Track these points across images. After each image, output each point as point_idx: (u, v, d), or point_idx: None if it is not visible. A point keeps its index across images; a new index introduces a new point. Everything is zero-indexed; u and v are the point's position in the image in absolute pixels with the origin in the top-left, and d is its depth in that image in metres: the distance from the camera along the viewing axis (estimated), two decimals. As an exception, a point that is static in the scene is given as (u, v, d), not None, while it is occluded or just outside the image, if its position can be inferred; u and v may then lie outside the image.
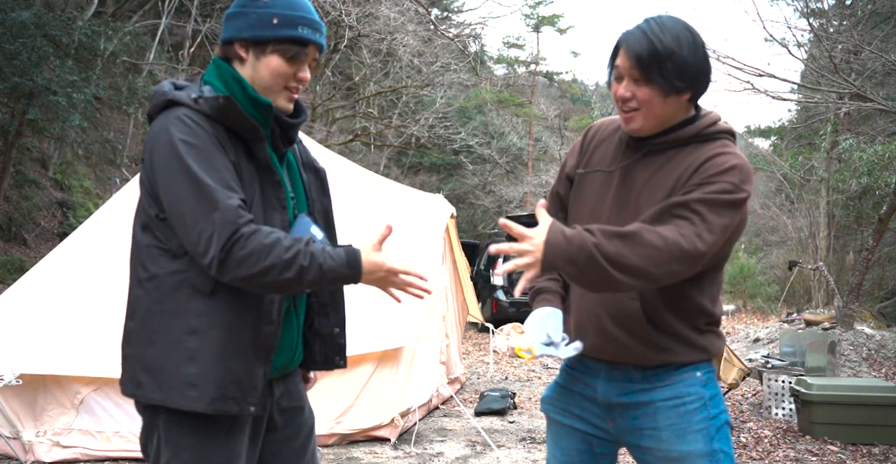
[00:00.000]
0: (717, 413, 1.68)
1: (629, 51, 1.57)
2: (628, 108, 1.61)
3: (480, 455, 4.38)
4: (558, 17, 26.73)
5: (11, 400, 3.97)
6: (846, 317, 8.37)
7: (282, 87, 1.60)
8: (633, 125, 1.63)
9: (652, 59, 1.55)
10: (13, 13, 7.82)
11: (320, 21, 1.64)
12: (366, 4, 13.57)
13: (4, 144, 9.13)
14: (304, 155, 1.79)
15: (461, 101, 20.23)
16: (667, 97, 1.59)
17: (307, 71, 1.63)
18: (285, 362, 1.67)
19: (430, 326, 5.27)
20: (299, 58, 1.59)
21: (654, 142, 1.65)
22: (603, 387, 1.72)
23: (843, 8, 11.37)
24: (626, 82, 1.60)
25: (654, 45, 1.55)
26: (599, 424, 1.75)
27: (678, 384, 1.68)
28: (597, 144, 1.78)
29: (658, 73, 1.56)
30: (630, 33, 1.60)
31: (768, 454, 4.50)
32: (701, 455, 1.64)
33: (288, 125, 1.65)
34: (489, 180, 21.44)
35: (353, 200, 5.75)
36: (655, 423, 1.67)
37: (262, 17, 1.56)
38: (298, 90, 1.64)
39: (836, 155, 13.14)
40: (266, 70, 1.58)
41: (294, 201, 1.69)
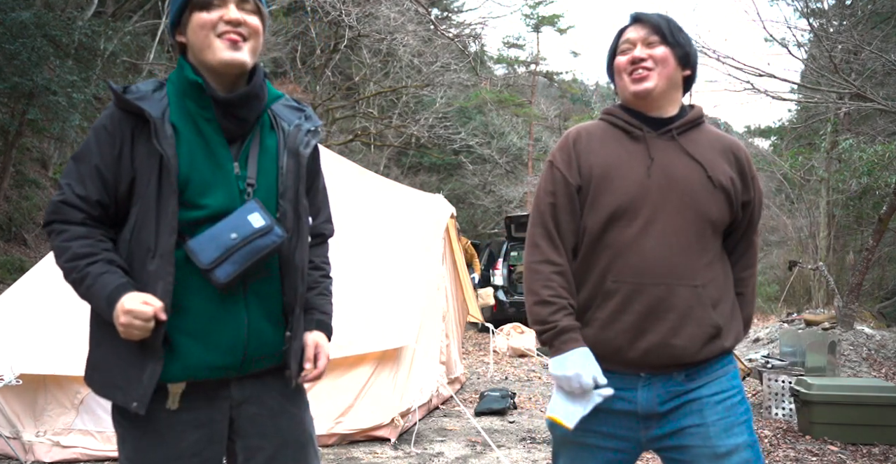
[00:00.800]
0: (748, 404, 1.75)
1: (647, 22, 1.74)
2: (643, 69, 1.72)
3: (480, 455, 4.38)
4: (558, 17, 26.74)
5: (11, 400, 3.97)
6: (846, 317, 8.37)
7: (213, 38, 1.52)
8: (646, 83, 1.72)
9: (669, 27, 1.73)
10: (13, 13, 7.82)
11: None
12: (366, 4, 13.56)
13: (4, 144, 9.13)
14: (292, 139, 1.66)
15: (461, 101, 20.23)
16: (678, 63, 1.74)
17: (234, 11, 1.53)
18: (224, 364, 1.55)
19: (430, 326, 5.27)
20: (211, 2, 1.52)
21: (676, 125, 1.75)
22: (644, 397, 1.69)
23: (843, 8, 11.36)
24: (641, 47, 1.73)
25: (668, 19, 1.75)
26: (629, 435, 1.72)
27: (722, 379, 1.71)
28: (596, 147, 1.76)
29: (674, 39, 1.73)
30: (638, 14, 1.77)
31: (768, 454, 4.50)
32: (747, 446, 1.67)
33: (224, 102, 1.55)
34: (489, 180, 21.45)
35: (354, 201, 5.75)
36: (703, 419, 1.66)
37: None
38: (239, 34, 1.53)
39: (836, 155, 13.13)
40: (192, 33, 1.54)
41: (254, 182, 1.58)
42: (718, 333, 1.69)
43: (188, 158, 1.53)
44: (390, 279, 5.09)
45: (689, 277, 1.65)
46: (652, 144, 1.72)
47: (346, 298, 4.78)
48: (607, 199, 1.69)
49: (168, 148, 1.49)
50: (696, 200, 1.67)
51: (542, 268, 1.73)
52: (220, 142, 1.57)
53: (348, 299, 4.72)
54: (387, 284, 5.02)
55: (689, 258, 1.66)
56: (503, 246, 12.30)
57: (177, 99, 1.56)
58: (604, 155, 1.73)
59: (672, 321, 1.64)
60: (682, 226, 1.67)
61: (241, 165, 1.58)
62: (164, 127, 1.50)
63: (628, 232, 1.67)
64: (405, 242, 5.56)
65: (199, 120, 1.56)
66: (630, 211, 1.67)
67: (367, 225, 5.52)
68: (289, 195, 1.62)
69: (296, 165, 1.64)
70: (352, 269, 5.00)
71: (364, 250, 5.23)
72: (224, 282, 1.49)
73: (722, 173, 1.72)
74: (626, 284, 1.66)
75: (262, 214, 1.53)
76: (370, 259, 5.18)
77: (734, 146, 1.78)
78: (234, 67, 1.55)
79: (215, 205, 1.54)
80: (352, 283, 4.87)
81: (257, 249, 1.51)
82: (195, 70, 1.56)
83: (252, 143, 1.61)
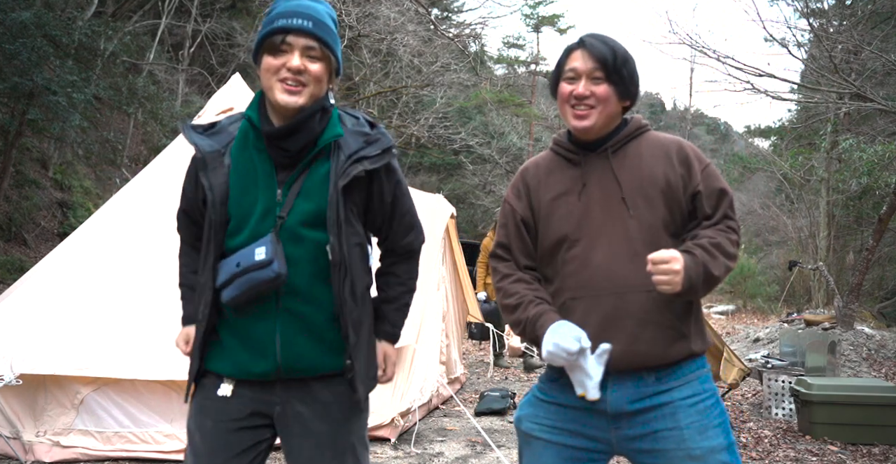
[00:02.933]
0: (724, 407, 1.75)
1: (594, 53, 1.74)
2: (584, 106, 1.76)
3: (480, 455, 4.38)
4: (558, 17, 26.77)
5: (11, 400, 3.97)
6: (846, 317, 8.37)
7: (275, 82, 1.62)
8: (585, 122, 1.76)
9: (615, 62, 1.73)
10: (13, 13, 7.82)
11: (310, 11, 1.63)
12: (366, 4, 13.57)
13: (4, 144, 9.13)
14: (339, 169, 1.68)
15: (461, 101, 20.23)
16: (620, 99, 1.78)
17: (297, 59, 1.61)
18: (260, 370, 1.69)
19: (430, 326, 5.27)
20: (279, 47, 1.61)
21: (611, 144, 1.80)
22: (613, 397, 1.70)
23: (843, 8, 11.36)
24: (585, 82, 1.75)
25: (615, 51, 1.75)
26: (599, 435, 1.73)
27: (694, 382, 1.72)
28: (543, 177, 1.86)
29: (618, 75, 1.74)
30: (588, 40, 1.77)
31: (768, 454, 4.50)
32: (722, 449, 1.67)
33: (266, 134, 1.66)
34: (489, 180, 21.44)
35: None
36: (676, 422, 1.67)
37: (259, 33, 1.67)
38: (299, 81, 1.62)
39: (836, 155, 13.14)
40: (262, 73, 1.65)
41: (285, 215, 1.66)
42: (682, 335, 1.71)
43: (237, 187, 1.68)
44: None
45: (642, 284, 1.67)
46: (588, 167, 1.80)
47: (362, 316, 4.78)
48: (553, 226, 1.79)
49: (215, 179, 1.68)
50: (636, 211, 1.72)
51: (501, 285, 1.86)
52: (268, 171, 1.68)
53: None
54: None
55: (639, 264, 1.67)
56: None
57: (243, 131, 1.72)
58: (550, 186, 1.83)
59: (630, 328, 1.68)
60: (628, 236, 1.72)
61: (284, 193, 1.67)
62: (218, 160, 1.69)
63: (576, 252, 1.75)
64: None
65: (252, 151, 1.69)
66: (574, 233, 1.76)
67: (367, 225, 5.51)
68: (334, 229, 1.67)
69: (336, 195, 1.67)
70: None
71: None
72: (227, 302, 1.67)
73: (656, 179, 1.75)
74: (582, 299, 1.72)
75: (267, 248, 1.62)
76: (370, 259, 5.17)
77: (674, 146, 1.80)
78: (290, 110, 1.65)
79: (249, 233, 1.68)
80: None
81: (253, 280, 1.63)
82: (260, 107, 1.72)
83: (300, 173, 1.68)
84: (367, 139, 1.73)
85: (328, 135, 1.69)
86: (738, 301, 17.93)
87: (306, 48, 1.62)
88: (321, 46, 1.64)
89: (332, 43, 1.67)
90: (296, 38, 1.61)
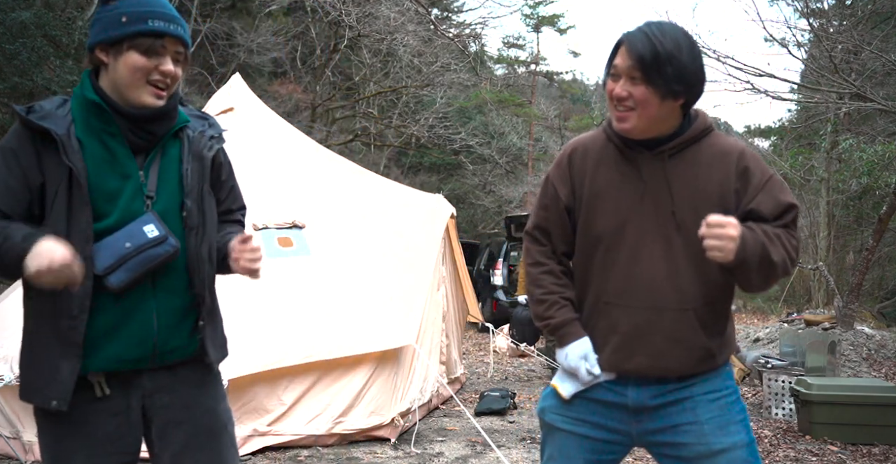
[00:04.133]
0: (743, 405, 1.75)
1: (631, 50, 1.60)
2: (624, 107, 1.64)
3: (480, 455, 4.38)
4: (558, 17, 26.75)
5: (11, 400, 3.97)
6: (846, 317, 8.37)
7: (143, 83, 1.63)
8: (625, 125, 1.65)
9: (654, 60, 1.58)
10: (13, 13, 7.82)
11: (175, 14, 1.68)
12: (366, 4, 13.57)
13: (4, 144, 9.12)
14: (196, 144, 1.78)
15: (461, 101, 20.22)
16: (663, 100, 1.62)
17: (170, 64, 1.65)
18: (136, 356, 1.66)
19: (430, 326, 5.27)
20: (155, 50, 1.63)
21: (669, 147, 1.68)
22: (634, 392, 1.71)
23: (843, 8, 11.36)
24: (624, 81, 1.62)
25: (656, 47, 1.58)
26: (620, 428, 1.74)
27: (714, 379, 1.72)
28: (592, 166, 1.76)
29: (658, 75, 1.59)
30: (632, 34, 1.63)
31: (768, 454, 4.49)
32: (743, 445, 1.67)
33: (135, 118, 1.66)
34: (489, 180, 21.43)
35: (354, 201, 5.75)
36: (696, 417, 1.68)
37: (111, 18, 1.63)
38: (167, 85, 1.66)
39: (836, 155, 13.14)
40: (124, 67, 1.63)
41: (153, 194, 1.69)
42: (710, 355, 1.70)
43: (94, 171, 1.63)
44: (390, 279, 5.08)
45: (679, 301, 1.66)
46: (644, 167, 1.70)
47: (346, 299, 4.79)
48: (597, 222, 1.72)
49: (77, 161, 1.60)
50: (687, 226, 1.65)
51: (532, 270, 1.84)
52: (126, 153, 1.68)
53: (349, 300, 4.72)
54: (387, 284, 5.01)
55: (679, 282, 1.66)
56: (503, 246, 12.29)
57: (81, 115, 1.66)
58: (597, 176, 1.74)
59: (659, 344, 1.67)
60: (672, 252, 1.67)
61: (146, 174, 1.69)
62: (70, 142, 1.61)
63: (616, 256, 1.70)
64: (405, 242, 5.56)
65: (103, 135, 1.66)
66: (618, 235, 1.70)
67: (368, 225, 5.52)
68: (193, 194, 1.74)
69: (199, 166, 1.77)
70: (352, 269, 5.00)
71: (364, 251, 5.23)
72: (117, 287, 1.61)
73: (710, 194, 1.67)
74: (617, 306, 1.70)
75: (156, 225, 1.65)
76: (370, 259, 5.17)
77: (735, 155, 1.70)
78: (150, 110, 1.67)
79: (120, 215, 1.64)
80: (352, 283, 4.87)
81: (151, 257, 1.63)
82: (96, 89, 1.66)
83: (156, 154, 1.72)
84: (209, 122, 1.87)
85: (181, 119, 1.77)
86: (738, 301, 17.92)
87: (176, 53, 1.67)
88: (186, 50, 1.71)
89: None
90: (171, 44, 1.65)
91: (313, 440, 4.30)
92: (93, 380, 1.65)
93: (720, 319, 1.72)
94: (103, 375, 1.66)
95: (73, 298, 1.60)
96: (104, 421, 1.67)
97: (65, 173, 1.60)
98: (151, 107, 1.65)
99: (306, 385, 4.30)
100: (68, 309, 1.61)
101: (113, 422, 1.67)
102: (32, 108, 1.65)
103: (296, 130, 6.51)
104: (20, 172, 1.61)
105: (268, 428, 4.17)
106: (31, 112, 1.63)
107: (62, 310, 1.61)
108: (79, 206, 1.60)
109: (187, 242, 1.71)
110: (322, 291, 4.67)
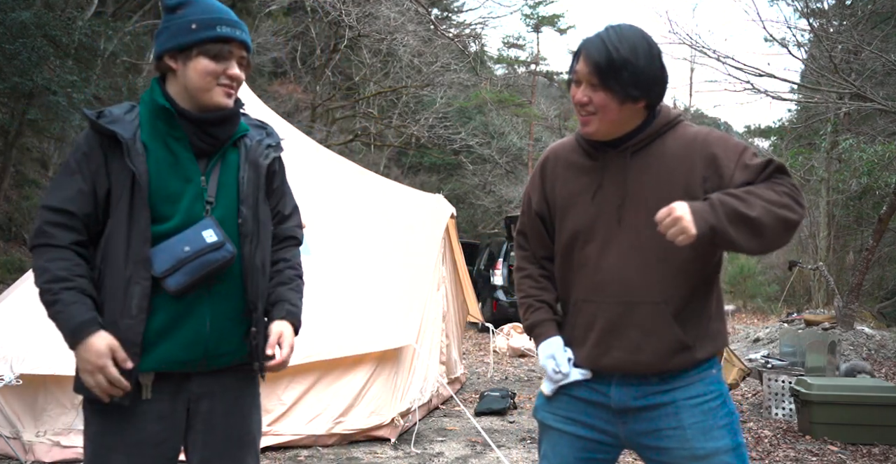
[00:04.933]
0: (733, 408, 1.73)
1: (588, 58, 1.64)
2: (585, 112, 1.69)
3: (480, 455, 4.38)
4: (558, 17, 26.77)
5: (11, 400, 3.97)
6: (846, 317, 8.37)
7: (214, 85, 1.70)
8: (588, 128, 1.70)
9: (609, 67, 1.61)
10: (13, 13, 7.82)
11: (239, 20, 1.75)
12: (366, 4, 13.57)
13: (4, 144, 9.13)
14: (253, 152, 1.82)
15: (461, 101, 20.22)
16: (622, 104, 1.65)
17: (236, 68, 1.72)
18: (188, 358, 1.69)
19: (430, 326, 5.27)
20: (224, 55, 1.70)
21: (631, 143, 1.71)
22: (617, 392, 1.72)
23: (843, 8, 11.35)
24: (584, 87, 1.67)
25: (611, 54, 1.61)
26: (608, 429, 1.75)
27: (698, 383, 1.71)
28: (561, 170, 1.82)
29: (615, 81, 1.62)
30: (590, 41, 1.66)
31: (768, 454, 4.50)
32: (728, 451, 1.66)
33: (201, 122, 1.71)
34: (489, 180, 21.43)
35: (354, 201, 5.75)
36: (679, 422, 1.68)
37: (181, 25, 1.69)
38: (233, 87, 1.73)
39: (836, 155, 13.14)
40: (194, 72, 1.69)
41: (213, 200, 1.73)
42: (685, 347, 1.69)
43: (157, 174, 1.68)
44: (390, 279, 5.08)
45: (651, 295, 1.67)
46: (605, 166, 1.74)
47: (346, 299, 4.79)
48: (567, 223, 1.78)
49: (139, 165, 1.66)
50: (649, 220, 1.62)
51: (515, 275, 1.97)
52: (190, 158, 1.72)
53: (349, 300, 4.72)
54: (387, 284, 5.01)
55: (650, 275, 1.67)
56: (503, 246, 12.29)
57: (148, 119, 1.72)
58: (568, 180, 1.80)
59: (634, 338, 1.68)
60: (640, 245, 1.68)
61: (207, 179, 1.74)
62: (135, 146, 1.67)
63: (589, 253, 1.74)
64: (405, 242, 5.56)
65: (168, 139, 1.71)
66: (586, 233, 1.74)
67: (368, 225, 5.52)
68: (249, 202, 1.78)
69: (255, 175, 1.81)
70: (352, 269, 5.00)
71: (364, 250, 5.22)
72: (175, 290, 1.65)
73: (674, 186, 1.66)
74: (591, 303, 1.74)
75: (215, 231, 1.69)
76: (370, 259, 5.17)
77: (699, 143, 1.69)
78: (223, 110, 1.75)
79: (182, 218, 1.69)
80: (352, 283, 4.87)
81: (208, 262, 1.66)
82: (165, 95, 1.72)
83: (217, 160, 1.77)
84: (267, 131, 1.91)
85: (242, 127, 1.83)
86: (737, 301, 17.92)
87: (241, 57, 1.74)
88: (248, 55, 1.77)
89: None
90: (236, 49, 1.72)
91: (313, 440, 4.30)
92: (143, 381, 1.68)
93: (699, 312, 1.71)
94: (153, 375, 1.68)
95: (132, 299, 1.64)
96: (150, 423, 1.69)
97: (129, 176, 1.65)
98: (224, 107, 1.72)
99: (306, 385, 4.30)
100: (128, 309, 1.64)
101: (158, 425, 1.70)
102: (102, 113, 1.71)
103: (296, 130, 6.51)
104: (90, 176, 1.68)
105: (268, 428, 4.17)
106: (100, 117, 1.70)
107: (123, 310, 1.64)
108: (139, 208, 1.65)
109: (242, 249, 1.75)
110: (322, 291, 4.67)
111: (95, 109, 1.74)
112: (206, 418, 1.75)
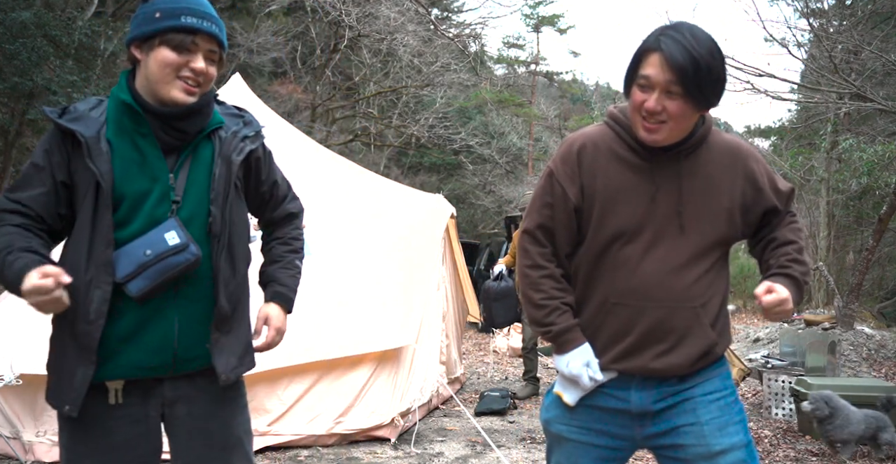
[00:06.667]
0: (742, 406, 1.76)
1: (672, 63, 1.52)
2: (655, 121, 1.58)
3: (480, 455, 4.38)
4: (558, 17, 26.72)
5: (11, 400, 3.97)
6: (846, 317, 8.36)
7: (173, 78, 1.61)
8: (655, 136, 1.60)
9: (696, 74, 1.51)
10: (13, 13, 7.82)
11: (211, 12, 1.65)
12: (366, 4, 13.56)
13: (4, 144, 9.13)
14: (227, 146, 1.73)
15: (461, 101, 20.21)
16: (697, 112, 1.60)
17: (201, 62, 1.62)
18: (155, 363, 1.64)
19: (430, 327, 5.26)
20: (186, 46, 1.61)
21: (685, 147, 1.67)
22: (637, 396, 1.71)
23: (843, 8, 11.35)
24: (658, 95, 1.55)
25: (697, 60, 1.51)
26: (623, 433, 1.74)
27: (715, 379, 1.73)
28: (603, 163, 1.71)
29: (698, 90, 1.54)
30: (666, 45, 1.54)
31: (768, 454, 4.49)
32: (742, 446, 1.67)
33: (165, 116, 1.63)
34: (489, 180, 21.41)
35: (354, 201, 5.75)
36: (696, 418, 1.68)
37: (146, 14, 1.62)
38: (197, 83, 1.63)
39: (836, 155, 13.13)
40: (154, 63, 1.61)
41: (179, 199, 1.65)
42: (713, 345, 1.71)
43: (122, 173, 1.61)
44: (390, 279, 5.08)
45: (689, 299, 1.67)
46: (660, 167, 1.67)
47: (346, 299, 4.79)
48: (611, 222, 1.68)
49: (101, 165, 1.58)
50: (698, 224, 1.67)
51: (530, 273, 1.76)
52: (157, 155, 1.64)
53: (349, 300, 4.72)
54: (387, 284, 5.01)
55: (689, 279, 1.67)
56: (503, 246, 12.29)
57: (114, 116, 1.64)
58: (610, 175, 1.69)
59: (671, 342, 1.68)
60: (683, 249, 1.68)
61: (175, 177, 1.66)
62: (97, 145, 1.59)
63: (629, 254, 1.68)
64: (405, 242, 5.56)
65: (135, 136, 1.63)
66: (632, 234, 1.68)
67: (368, 225, 5.51)
68: (219, 201, 1.68)
69: (227, 171, 1.71)
70: (352, 269, 5.00)
71: (364, 251, 5.22)
72: (137, 295, 1.59)
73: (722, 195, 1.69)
74: (626, 306, 1.68)
75: (178, 232, 1.61)
76: (370, 259, 5.17)
77: (740, 155, 1.72)
78: (181, 106, 1.64)
79: (144, 221, 1.62)
80: (352, 283, 4.87)
81: (170, 266, 1.59)
82: (131, 89, 1.65)
83: (187, 156, 1.69)
84: (244, 120, 1.81)
85: (215, 120, 1.73)
86: (737, 301, 17.92)
87: (209, 51, 1.65)
88: (220, 50, 1.68)
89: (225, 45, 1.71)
90: (203, 41, 1.62)
91: (313, 440, 4.30)
92: (110, 387, 1.64)
93: (720, 313, 1.75)
94: (122, 382, 1.64)
95: (91, 303, 1.58)
96: (121, 428, 1.66)
97: (92, 177, 1.58)
98: (181, 103, 1.62)
99: (306, 385, 4.30)
100: (85, 314, 1.59)
101: (131, 430, 1.66)
102: (67, 110, 1.65)
103: (296, 130, 6.51)
104: (50, 172, 1.61)
105: (268, 428, 4.17)
106: (64, 114, 1.63)
107: (80, 314, 1.59)
108: (102, 209, 1.59)
109: (211, 250, 1.67)
110: (322, 291, 4.67)
111: (60, 107, 1.67)
112: (185, 422, 1.71)
